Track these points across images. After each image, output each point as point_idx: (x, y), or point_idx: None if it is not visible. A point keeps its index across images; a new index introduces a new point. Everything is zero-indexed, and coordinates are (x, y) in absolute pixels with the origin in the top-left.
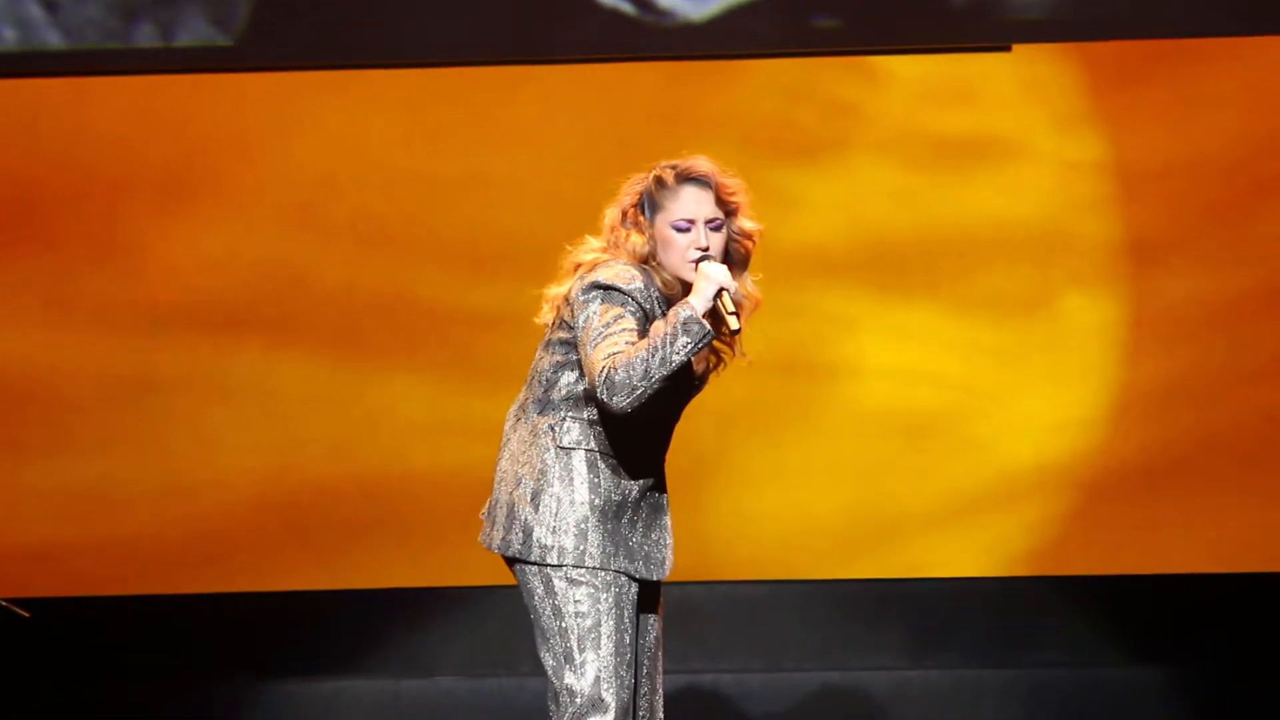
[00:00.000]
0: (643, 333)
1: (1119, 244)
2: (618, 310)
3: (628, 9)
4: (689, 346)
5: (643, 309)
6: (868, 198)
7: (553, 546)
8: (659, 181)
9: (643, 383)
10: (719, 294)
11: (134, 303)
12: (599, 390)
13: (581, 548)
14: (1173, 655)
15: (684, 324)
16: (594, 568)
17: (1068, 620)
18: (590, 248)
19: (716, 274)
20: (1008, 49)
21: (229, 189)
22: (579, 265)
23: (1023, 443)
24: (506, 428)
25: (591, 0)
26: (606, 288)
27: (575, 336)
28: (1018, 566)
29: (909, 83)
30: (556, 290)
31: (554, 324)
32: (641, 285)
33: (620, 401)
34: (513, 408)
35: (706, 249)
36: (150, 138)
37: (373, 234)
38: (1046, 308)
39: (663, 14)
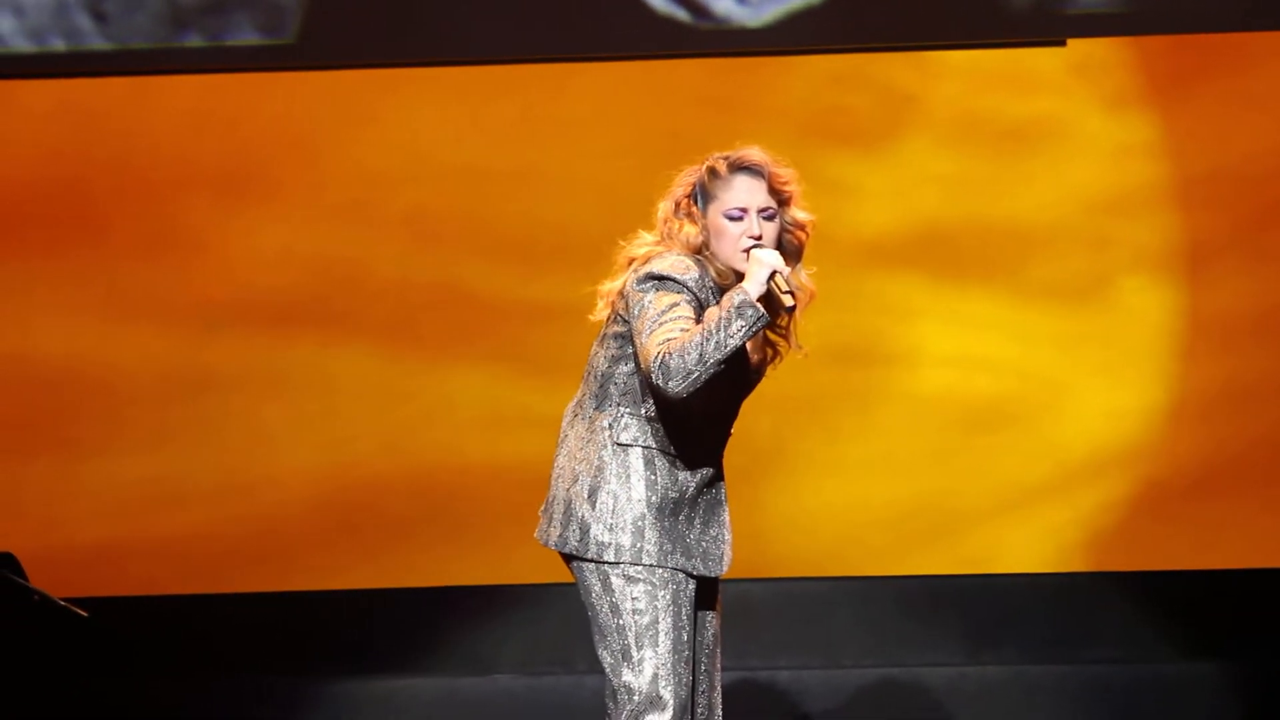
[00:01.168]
0: (698, 322)
1: (1175, 232)
2: (673, 299)
3: (682, 16)
4: (744, 330)
5: (697, 299)
6: (922, 186)
7: (610, 544)
8: (712, 171)
9: (698, 367)
10: (772, 277)
11: (189, 301)
12: (654, 376)
13: (639, 545)
14: (1230, 651)
15: (738, 308)
16: (651, 565)
17: (1124, 616)
18: (643, 241)
19: (768, 258)
20: (1063, 44)
21: (283, 187)
22: (633, 259)
23: (1080, 432)
24: (564, 424)
25: (646, 5)
26: (661, 278)
27: (630, 329)
28: (1074, 562)
29: (963, 71)
30: (610, 285)
31: (609, 319)
32: (696, 275)
33: (675, 386)
34: (570, 405)
35: (759, 237)
36: (205, 137)
37: (426, 230)
38: (1103, 296)
39: (719, 20)
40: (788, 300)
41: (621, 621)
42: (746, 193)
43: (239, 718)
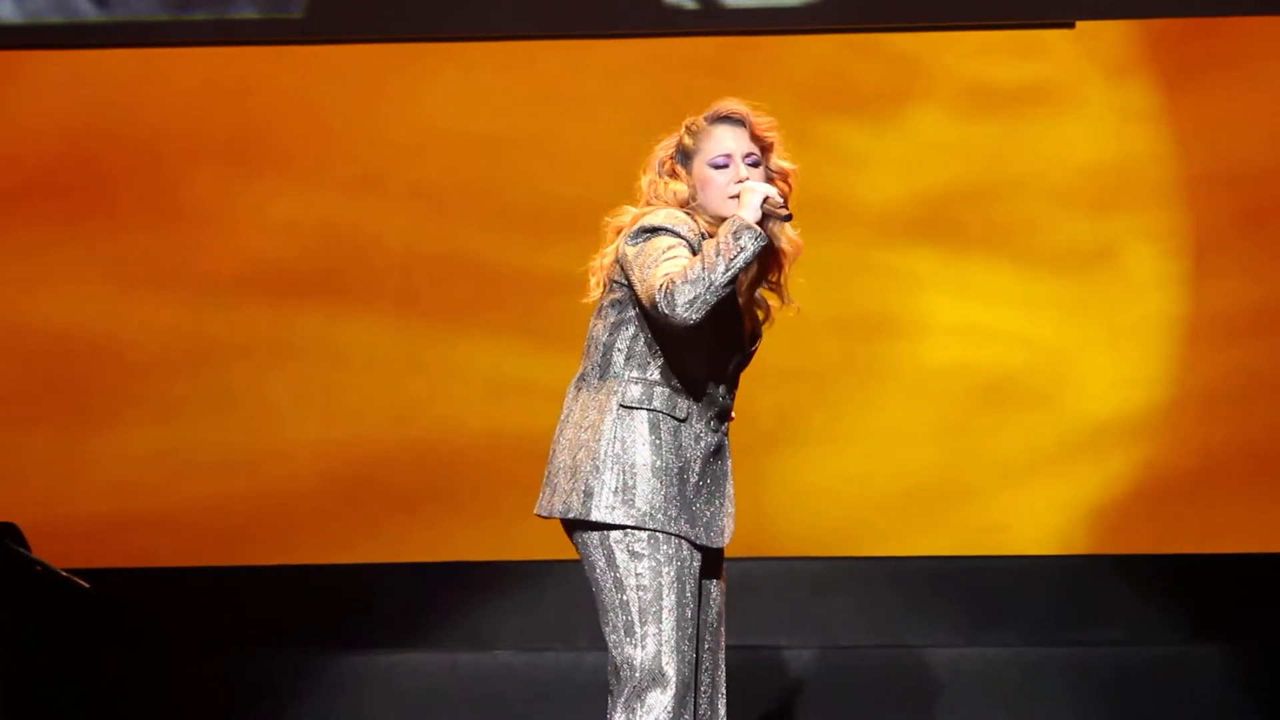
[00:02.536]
0: None
1: (1180, 202)
2: (670, 242)
3: (689, 4)
4: (746, 250)
5: (691, 246)
6: (929, 156)
7: (614, 506)
8: (690, 129)
9: (705, 290)
10: (766, 201)
11: (196, 273)
12: (660, 305)
13: (644, 509)
14: (1232, 633)
15: (735, 231)
16: (655, 531)
17: (1126, 598)
18: (628, 211)
19: (756, 186)
20: (1071, 25)
21: (290, 159)
22: (620, 229)
23: (1087, 407)
24: (567, 400)
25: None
26: (654, 229)
27: (628, 293)
28: (1076, 544)
29: (968, 41)
30: (600, 259)
31: (605, 288)
32: (688, 225)
33: (683, 312)
34: (572, 381)
35: (745, 181)
36: (212, 109)
37: (432, 203)
38: (1108, 267)
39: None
40: (784, 213)
41: (625, 597)
42: (730, 139)
43: (240, 690)
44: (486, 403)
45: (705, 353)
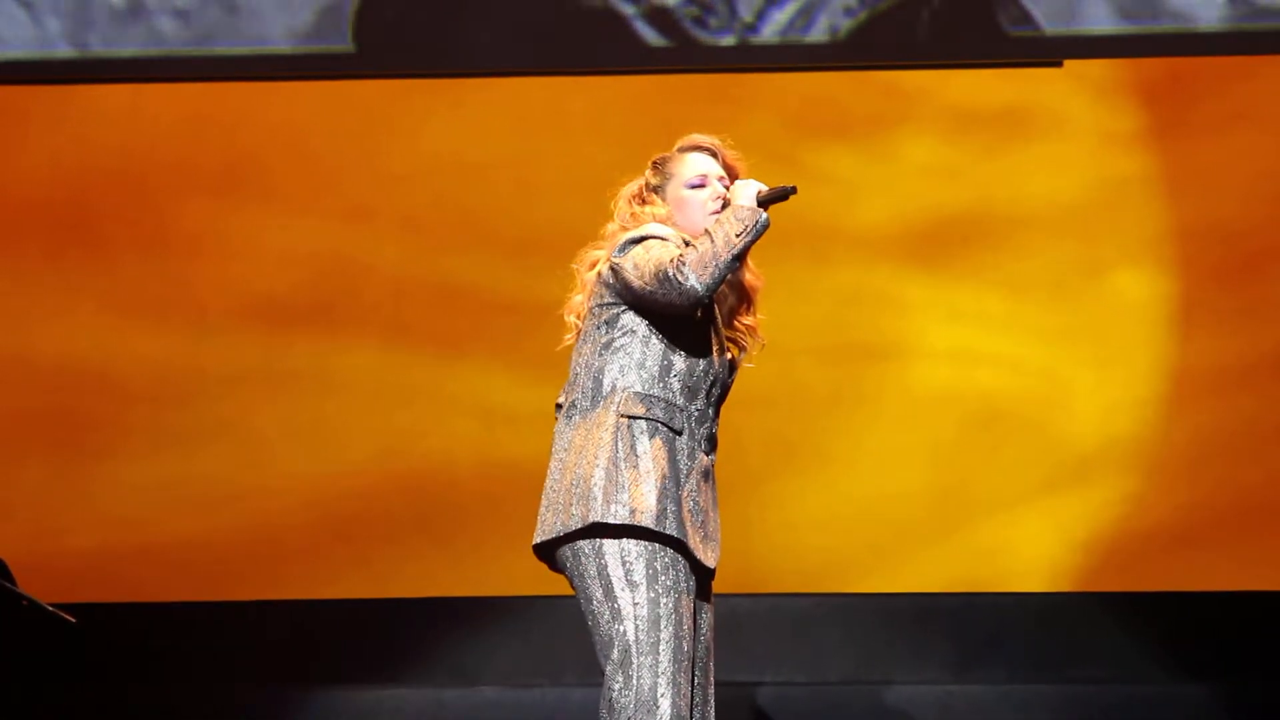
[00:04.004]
0: None
1: (1166, 222)
2: (662, 239)
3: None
4: (749, 230)
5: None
6: (917, 181)
7: (616, 505)
8: (660, 162)
9: (713, 263)
10: (758, 193)
11: (186, 306)
12: (672, 275)
13: (644, 508)
14: (1217, 673)
15: (734, 211)
16: (654, 540)
17: (1112, 636)
18: (595, 248)
19: (746, 187)
20: (1059, 64)
21: (280, 192)
22: (594, 263)
23: (1075, 433)
24: (557, 430)
25: (637, 37)
26: (641, 236)
27: (618, 309)
28: (1062, 581)
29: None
30: (577, 299)
31: (587, 317)
32: (674, 232)
33: (694, 279)
34: (560, 413)
35: (723, 198)
36: (202, 143)
37: (421, 236)
38: (1095, 288)
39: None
40: (784, 189)
41: (622, 628)
42: (704, 164)
43: None
44: (476, 435)
45: (691, 373)
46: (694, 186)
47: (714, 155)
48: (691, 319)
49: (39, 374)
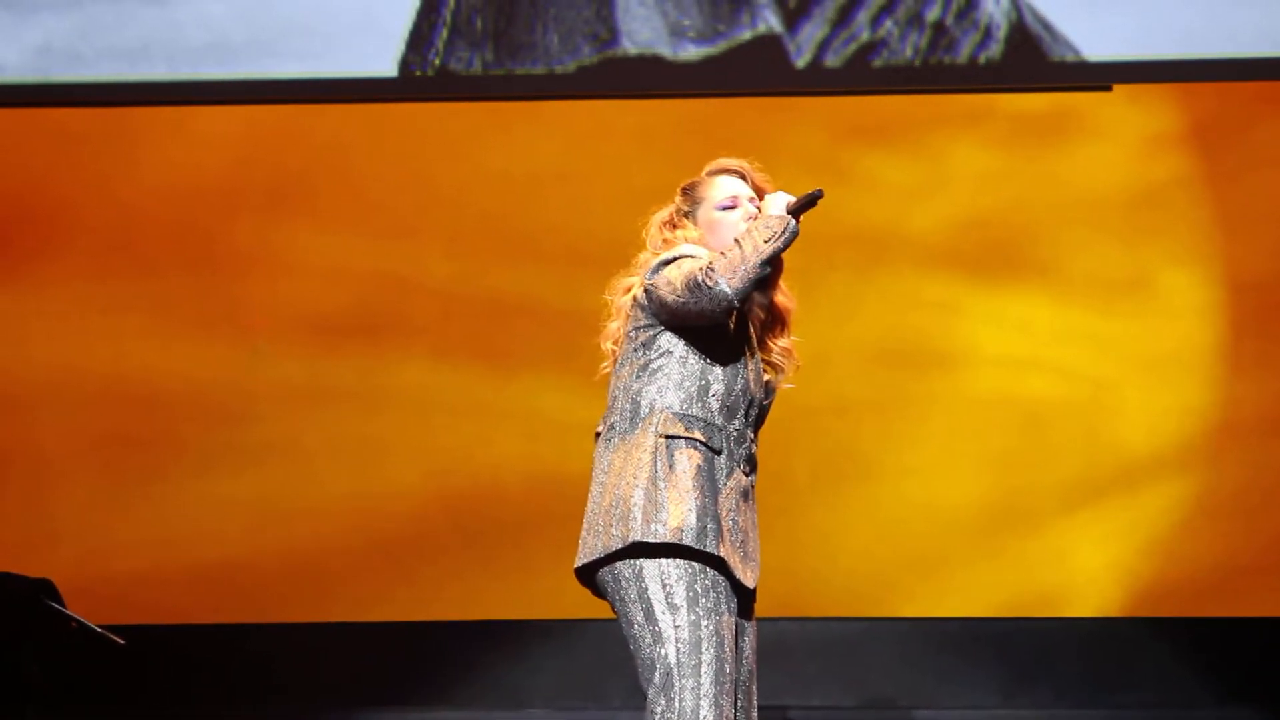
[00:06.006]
0: None
1: (1215, 224)
2: (693, 255)
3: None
4: (778, 236)
5: None
6: (965, 186)
7: (659, 527)
8: (689, 187)
9: (743, 267)
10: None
11: (234, 325)
12: (703, 282)
13: (686, 529)
14: (1266, 696)
15: (764, 220)
16: (694, 559)
17: (1159, 660)
18: (628, 275)
19: (775, 200)
20: (1108, 89)
21: (328, 213)
22: (628, 288)
23: (1123, 447)
24: (597, 453)
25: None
26: (673, 257)
27: (654, 331)
28: (1109, 606)
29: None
30: (613, 326)
31: (624, 342)
32: (706, 251)
33: (722, 286)
34: (599, 436)
35: (755, 218)
36: (250, 163)
37: (467, 259)
38: (1144, 294)
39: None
40: (811, 194)
41: (664, 650)
42: (733, 186)
43: None
44: (524, 454)
45: (729, 393)
46: (725, 208)
47: (743, 177)
48: (727, 338)
49: (87, 395)
